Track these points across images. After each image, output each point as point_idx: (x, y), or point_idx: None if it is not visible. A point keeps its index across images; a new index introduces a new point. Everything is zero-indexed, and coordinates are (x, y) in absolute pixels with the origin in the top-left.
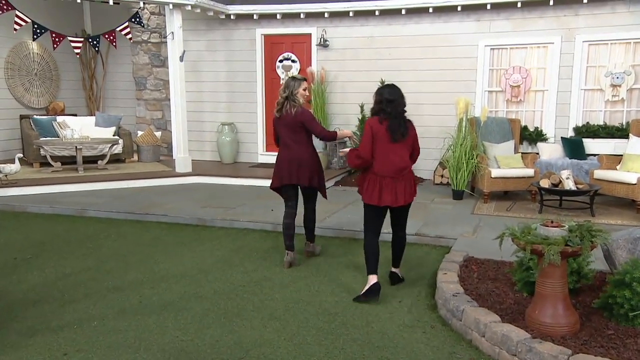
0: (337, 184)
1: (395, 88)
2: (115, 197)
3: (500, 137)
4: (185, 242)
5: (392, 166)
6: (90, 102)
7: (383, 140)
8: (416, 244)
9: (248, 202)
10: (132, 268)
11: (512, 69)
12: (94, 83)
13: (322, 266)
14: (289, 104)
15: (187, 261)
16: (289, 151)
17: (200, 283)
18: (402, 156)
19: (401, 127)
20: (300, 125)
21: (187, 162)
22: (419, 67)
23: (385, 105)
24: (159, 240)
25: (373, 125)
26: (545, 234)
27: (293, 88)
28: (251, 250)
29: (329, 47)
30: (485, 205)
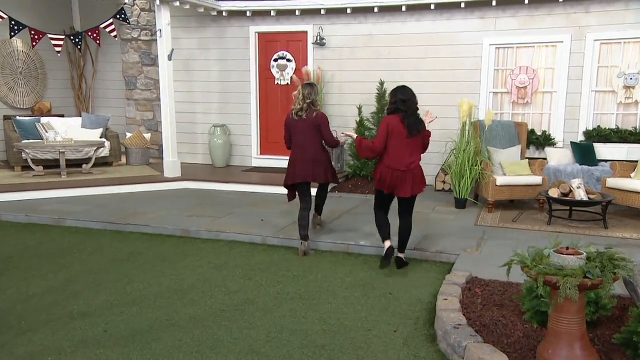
0: (333, 190)
1: (407, 88)
2: (96, 205)
3: (506, 141)
4: (166, 257)
5: (403, 160)
6: (79, 102)
7: (399, 136)
8: (415, 259)
9: (238, 210)
10: (103, 288)
11: (518, 69)
12: (83, 82)
13: (311, 286)
14: (309, 108)
15: (165, 280)
16: (304, 151)
17: (176, 307)
18: (413, 151)
19: (417, 124)
20: (317, 127)
21: (175, 167)
22: (420, 67)
23: (401, 105)
24: (137, 254)
25: (390, 122)
26: (560, 263)
27: (315, 95)
28: (236, 266)
29: (325, 45)
30: (490, 215)
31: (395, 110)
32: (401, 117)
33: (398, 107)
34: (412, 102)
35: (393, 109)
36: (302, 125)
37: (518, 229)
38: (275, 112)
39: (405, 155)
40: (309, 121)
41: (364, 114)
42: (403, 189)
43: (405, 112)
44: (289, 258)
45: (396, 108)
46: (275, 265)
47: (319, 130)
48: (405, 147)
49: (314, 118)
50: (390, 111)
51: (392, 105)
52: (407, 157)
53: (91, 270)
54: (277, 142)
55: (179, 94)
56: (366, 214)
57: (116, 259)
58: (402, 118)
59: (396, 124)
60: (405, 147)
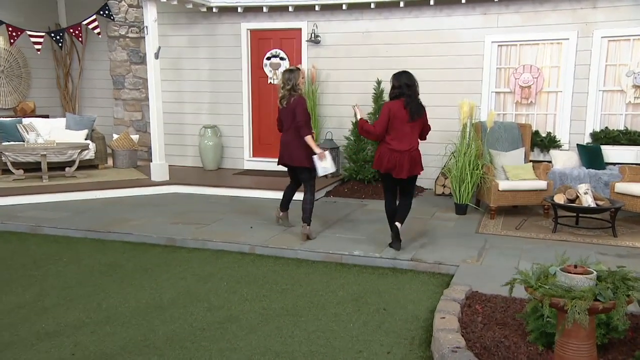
0: (328, 194)
1: (411, 74)
2: (78, 211)
3: (509, 144)
4: (148, 268)
5: (403, 144)
6: (65, 102)
7: (401, 120)
8: (411, 271)
9: (226, 217)
10: (76, 304)
11: (522, 68)
12: (69, 81)
13: (299, 301)
14: (290, 95)
15: (144, 294)
16: (284, 135)
17: (153, 325)
18: (413, 135)
19: (419, 109)
20: (293, 111)
21: (163, 170)
22: (419, 65)
23: (406, 89)
24: (117, 266)
25: (392, 108)
26: (568, 284)
27: (295, 80)
28: (221, 278)
29: (320, 43)
30: (492, 222)
31: (400, 95)
32: (404, 102)
33: (403, 91)
34: (416, 88)
35: (398, 94)
36: (285, 112)
37: (522, 237)
38: (269, 112)
39: (405, 139)
40: (289, 108)
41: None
42: (400, 170)
43: (409, 96)
44: (277, 270)
45: (401, 93)
46: (263, 277)
47: (294, 113)
48: (407, 131)
49: (292, 104)
50: (394, 95)
51: (396, 90)
52: (407, 140)
53: (65, 284)
54: (270, 144)
55: (167, 93)
56: (362, 221)
57: (94, 271)
58: (406, 103)
59: (398, 109)
60: (406, 131)
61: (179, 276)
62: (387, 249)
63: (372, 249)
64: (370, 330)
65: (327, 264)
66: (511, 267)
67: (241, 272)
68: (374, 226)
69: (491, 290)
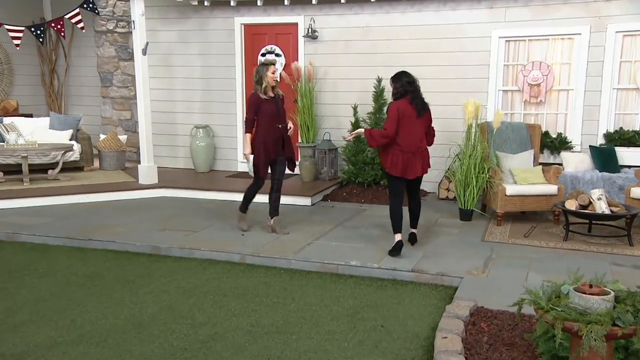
0: (325, 199)
1: (409, 73)
2: (59, 216)
3: (517, 146)
4: (129, 280)
5: (413, 142)
6: (51, 100)
7: (410, 118)
8: (412, 283)
9: (217, 223)
10: (48, 321)
11: (531, 65)
12: (55, 78)
13: (291, 316)
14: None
15: (123, 309)
16: None
17: (130, 345)
18: (422, 133)
19: (424, 104)
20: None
21: (152, 172)
22: (422, 62)
23: (408, 86)
24: (97, 276)
25: (399, 106)
26: (583, 306)
27: (262, 73)
28: (208, 291)
29: (318, 38)
30: (499, 229)
31: (404, 93)
32: (409, 99)
33: (406, 89)
34: (417, 84)
35: (402, 93)
36: None
37: (531, 245)
38: None
39: (416, 136)
40: None
41: (360, 115)
42: (414, 170)
43: (413, 93)
44: (269, 281)
45: (405, 91)
46: (253, 289)
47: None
48: (417, 129)
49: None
50: (398, 96)
51: (400, 89)
52: (418, 138)
53: (39, 297)
54: None
55: (157, 92)
56: (360, 227)
57: (71, 283)
58: (411, 100)
59: (406, 106)
60: (416, 128)
61: (162, 289)
62: (387, 258)
63: (371, 258)
64: (366, 350)
65: (322, 274)
66: (519, 279)
67: (229, 284)
68: (373, 233)
69: (498, 305)
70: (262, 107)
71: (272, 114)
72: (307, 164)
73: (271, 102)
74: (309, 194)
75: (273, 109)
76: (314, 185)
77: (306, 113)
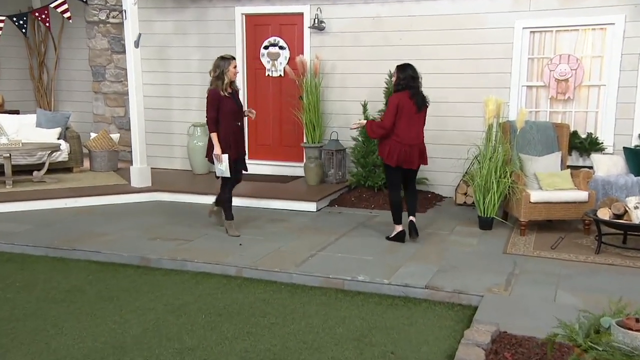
0: (332, 204)
1: (415, 67)
2: (42, 223)
3: (543, 147)
4: (113, 296)
5: (412, 135)
6: (40, 95)
7: (409, 111)
8: (426, 301)
9: (213, 231)
10: (19, 344)
11: (558, 58)
12: (44, 72)
13: (290, 340)
14: (215, 83)
15: (104, 330)
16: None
17: None
18: (419, 127)
19: (424, 99)
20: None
21: (144, 175)
22: (438, 55)
23: (411, 81)
24: (78, 291)
25: (400, 99)
26: (629, 345)
27: (224, 67)
28: (199, 309)
29: (325, 30)
30: (523, 239)
31: (405, 87)
32: (410, 93)
33: (408, 83)
34: (420, 81)
35: (404, 85)
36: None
37: (558, 259)
38: (266, 108)
39: (413, 130)
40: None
41: (370, 112)
42: (411, 161)
43: (414, 88)
44: (267, 298)
45: (407, 85)
46: (249, 307)
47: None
48: (415, 123)
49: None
50: (399, 87)
51: (403, 82)
52: (415, 131)
53: (12, 316)
54: (268, 145)
55: (151, 87)
56: (370, 237)
57: (49, 299)
58: (412, 95)
59: (406, 100)
60: (414, 122)
61: (149, 306)
62: (398, 273)
63: (380, 272)
64: None
65: (327, 290)
66: (547, 299)
67: (224, 301)
68: (384, 243)
69: (523, 329)
70: (223, 105)
71: (233, 111)
72: (313, 165)
73: (231, 99)
74: (314, 199)
75: (234, 106)
76: (319, 189)
77: (312, 110)
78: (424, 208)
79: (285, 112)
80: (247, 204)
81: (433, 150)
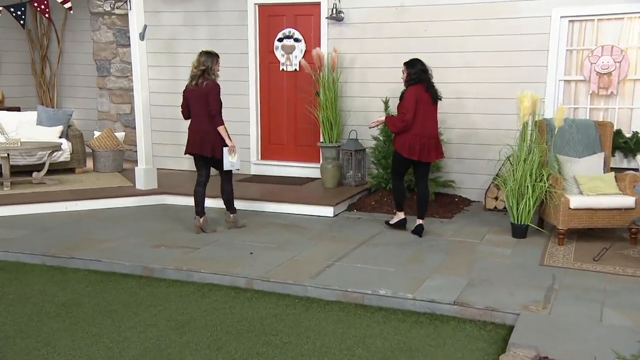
0: (351, 208)
1: (423, 61)
2: (40, 228)
3: (583, 148)
4: (113, 310)
5: (428, 127)
6: (42, 91)
7: (425, 104)
8: (455, 319)
9: (223, 237)
10: None
11: (600, 50)
12: (47, 66)
13: None
14: (202, 78)
15: (100, 350)
16: (196, 122)
17: None
18: (434, 119)
19: (437, 91)
20: (206, 97)
21: (150, 176)
22: (466, 47)
23: (422, 75)
24: (74, 305)
25: (417, 92)
26: None
27: (212, 64)
28: (205, 326)
29: (343, 20)
30: (561, 249)
31: (418, 80)
32: (425, 86)
33: (420, 77)
34: (430, 72)
35: (417, 80)
36: (195, 94)
37: (603, 272)
38: (280, 105)
39: (428, 122)
40: (200, 91)
41: (392, 109)
42: (429, 155)
43: (427, 81)
44: (280, 313)
45: (419, 78)
46: (260, 324)
47: (207, 99)
48: (429, 116)
49: (204, 87)
50: (411, 82)
51: (414, 76)
52: (431, 123)
53: (2, 334)
54: (282, 144)
55: (158, 82)
56: (392, 245)
57: (43, 313)
58: (427, 87)
59: (422, 93)
60: (429, 115)
61: (150, 322)
62: (423, 287)
63: (404, 286)
64: None
65: (345, 305)
66: (592, 318)
67: (232, 317)
68: (408, 253)
69: (566, 354)
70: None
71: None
72: (330, 167)
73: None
74: (331, 203)
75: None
76: (337, 193)
77: (329, 108)
78: (451, 213)
79: (301, 109)
80: (258, 207)
81: (461, 151)
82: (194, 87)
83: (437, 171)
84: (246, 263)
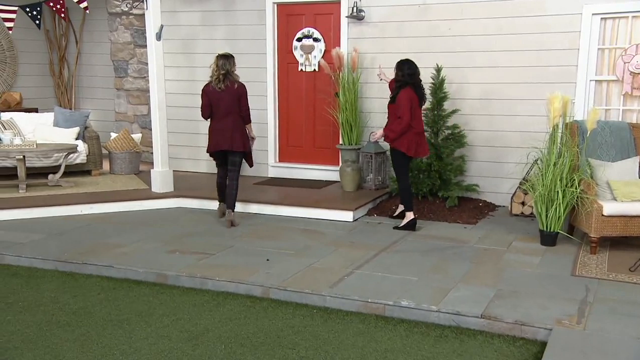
0: (370, 213)
1: (412, 63)
2: (55, 232)
3: (617, 151)
4: (124, 319)
5: (421, 125)
6: (60, 92)
7: (416, 104)
8: (482, 333)
9: (239, 243)
10: None
11: (634, 48)
12: (65, 67)
13: None
14: (227, 79)
15: None
16: (223, 122)
17: None
18: (421, 117)
19: (424, 93)
20: (238, 97)
21: (166, 179)
22: (491, 47)
23: (409, 79)
24: (85, 313)
25: (410, 94)
26: None
27: (230, 66)
28: (219, 338)
29: (364, 19)
30: (594, 258)
31: (405, 83)
32: (414, 88)
33: (407, 80)
34: (418, 74)
35: (404, 82)
36: (225, 95)
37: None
38: (299, 106)
39: (420, 120)
40: (229, 92)
41: None
42: (424, 148)
43: (415, 83)
44: (297, 324)
45: (405, 82)
46: (276, 337)
47: (239, 100)
48: (418, 114)
49: (236, 89)
50: (404, 83)
51: (407, 78)
52: (421, 122)
53: (9, 343)
54: (300, 146)
55: (176, 83)
56: (414, 252)
57: (53, 322)
58: (415, 89)
59: (412, 94)
60: (418, 113)
61: (163, 332)
62: (447, 298)
63: (428, 297)
64: None
65: (365, 317)
66: (631, 335)
67: (248, 328)
68: (431, 261)
69: None
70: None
71: None
72: (350, 170)
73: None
74: (350, 207)
75: None
76: (356, 196)
77: (349, 109)
78: (475, 219)
79: (320, 110)
80: (275, 212)
81: (485, 153)
82: (223, 89)
83: (460, 175)
84: (262, 270)
